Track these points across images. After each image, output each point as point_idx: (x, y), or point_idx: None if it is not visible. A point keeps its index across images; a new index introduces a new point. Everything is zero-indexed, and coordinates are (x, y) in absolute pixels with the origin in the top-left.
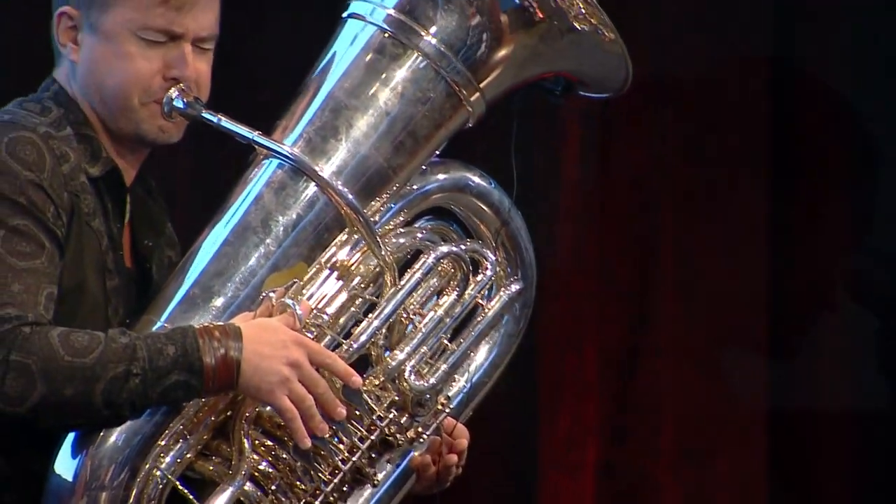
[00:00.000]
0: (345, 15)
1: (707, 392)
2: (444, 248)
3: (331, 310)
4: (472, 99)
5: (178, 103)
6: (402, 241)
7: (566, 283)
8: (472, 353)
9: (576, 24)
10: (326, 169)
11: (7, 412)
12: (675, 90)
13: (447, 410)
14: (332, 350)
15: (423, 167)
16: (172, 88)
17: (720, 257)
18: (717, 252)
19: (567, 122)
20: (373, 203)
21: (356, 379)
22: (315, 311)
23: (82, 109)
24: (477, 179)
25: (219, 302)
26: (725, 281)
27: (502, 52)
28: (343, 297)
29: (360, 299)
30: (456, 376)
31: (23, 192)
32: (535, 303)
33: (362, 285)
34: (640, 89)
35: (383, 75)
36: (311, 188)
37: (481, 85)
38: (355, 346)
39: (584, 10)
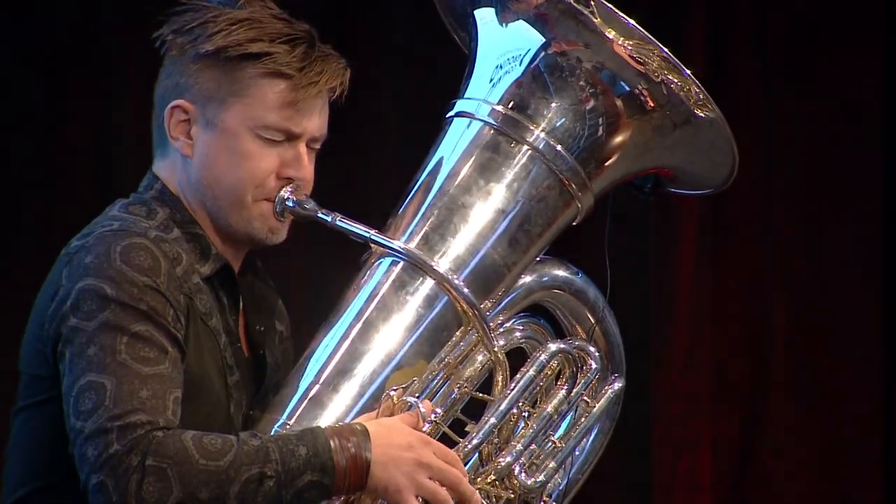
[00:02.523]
0: (450, 114)
1: (821, 494)
2: (556, 346)
3: (441, 408)
4: (582, 195)
5: (291, 203)
6: (501, 342)
7: (680, 384)
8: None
9: (697, 112)
10: (444, 265)
11: None
12: (787, 190)
13: None
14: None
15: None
16: (284, 189)
17: (834, 357)
18: (830, 351)
19: (682, 225)
20: (487, 301)
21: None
22: (436, 411)
23: (188, 207)
24: (574, 277)
25: (344, 400)
26: (840, 380)
27: (614, 146)
28: (454, 394)
29: (468, 395)
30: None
31: (142, 298)
32: (651, 404)
33: (471, 382)
34: (753, 188)
35: (496, 173)
36: (430, 285)
37: (591, 180)
38: (473, 442)
39: (701, 98)
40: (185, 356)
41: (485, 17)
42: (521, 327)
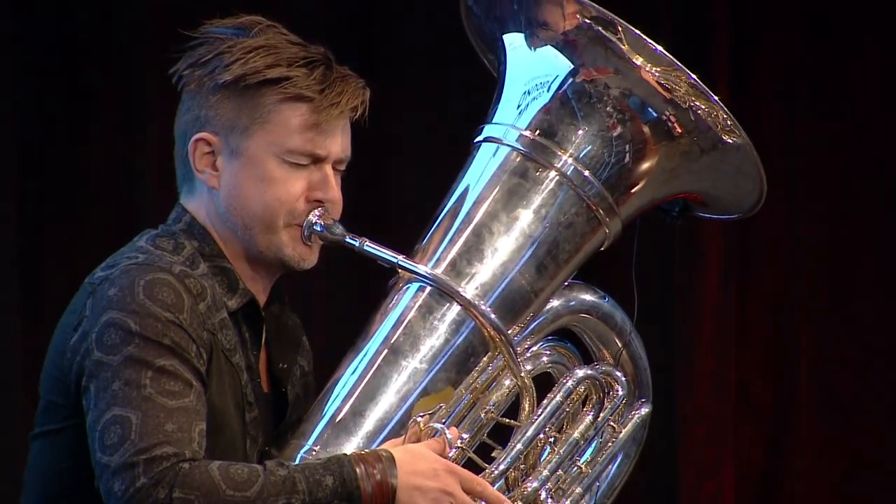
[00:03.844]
0: (478, 139)
1: None
2: (582, 372)
3: (468, 433)
4: (610, 221)
5: (318, 227)
6: (528, 367)
7: (705, 408)
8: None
9: (724, 138)
10: (470, 291)
11: None
12: (811, 212)
13: None
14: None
15: None
16: (313, 213)
17: (858, 379)
18: (854, 374)
19: (706, 249)
20: (514, 326)
21: None
22: (463, 437)
23: (217, 240)
24: (601, 302)
25: (369, 426)
26: (864, 403)
27: (641, 172)
28: (480, 420)
29: (495, 421)
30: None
31: (165, 333)
32: (675, 430)
33: (498, 407)
34: (776, 211)
35: (524, 198)
36: (457, 311)
37: (619, 205)
38: (500, 468)
39: (728, 123)
40: (207, 390)
41: (514, 41)
42: (548, 352)
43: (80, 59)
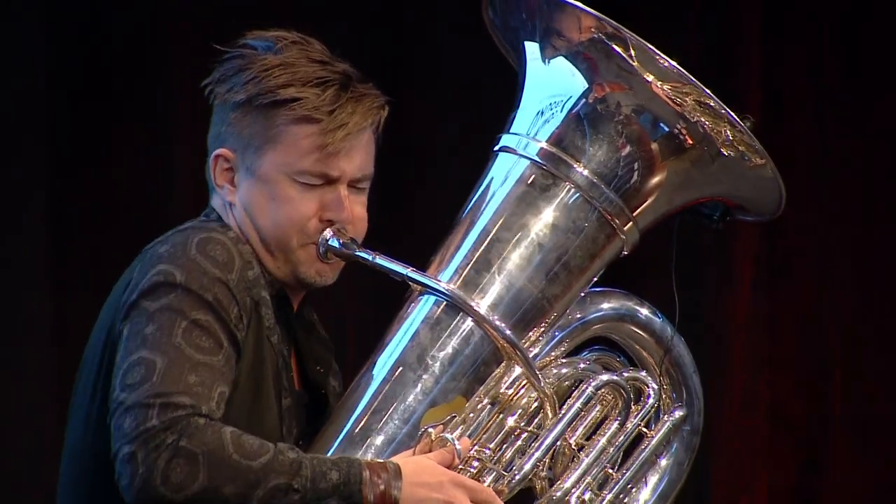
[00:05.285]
0: (495, 149)
1: None
2: (603, 378)
3: (493, 444)
4: (626, 228)
5: (334, 243)
6: (563, 371)
7: (737, 424)
8: (640, 482)
9: (723, 151)
10: (482, 303)
11: (164, 498)
12: (843, 228)
13: None
14: (496, 482)
15: (584, 297)
16: (327, 229)
17: (892, 397)
18: (888, 392)
19: (738, 264)
20: (529, 334)
21: None
22: (476, 446)
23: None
24: (638, 308)
25: (378, 440)
26: None
27: (654, 179)
28: (505, 430)
29: (523, 432)
30: None
31: (209, 288)
32: (708, 445)
33: (524, 417)
34: (807, 227)
35: (535, 207)
36: (467, 322)
37: (634, 213)
38: (517, 477)
39: (731, 137)
40: (240, 357)
41: (532, 50)
42: (586, 360)
43: (110, 75)
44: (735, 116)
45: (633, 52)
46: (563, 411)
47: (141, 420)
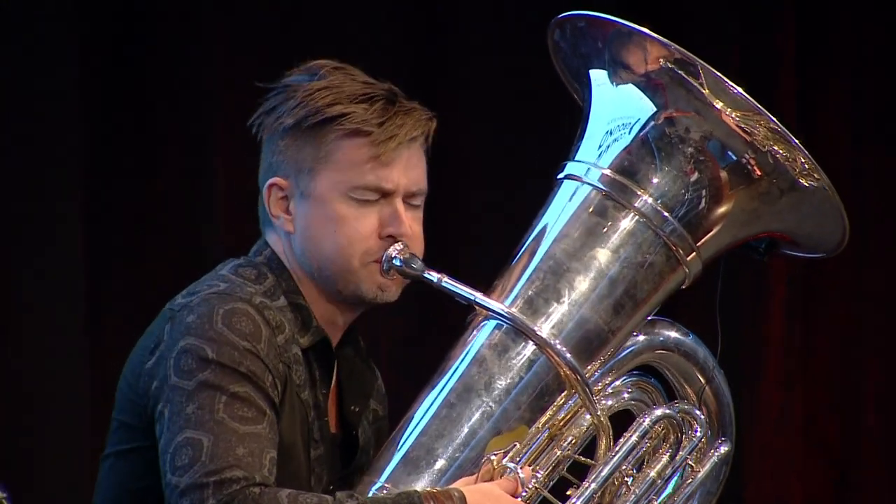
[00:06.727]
0: (560, 176)
1: None
2: (659, 412)
3: (543, 470)
4: (690, 259)
5: (398, 262)
6: (608, 402)
7: (770, 442)
8: None
9: (801, 181)
10: (546, 330)
11: None
12: (878, 246)
13: None
14: None
15: None
16: (392, 247)
17: None
18: None
19: (772, 283)
20: (590, 366)
21: None
22: (538, 475)
23: (295, 278)
24: (683, 338)
25: (440, 464)
26: None
27: (721, 212)
28: (555, 457)
29: (571, 459)
30: None
31: (241, 361)
32: (743, 462)
33: (574, 445)
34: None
35: (602, 237)
36: (532, 350)
37: (699, 245)
38: None
39: (807, 167)
40: (279, 420)
41: (598, 78)
42: (629, 388)
43: (148, 95)
44: (805, 150)
45: (703, 80)
46: (620, 444)
47: (198, 501)
